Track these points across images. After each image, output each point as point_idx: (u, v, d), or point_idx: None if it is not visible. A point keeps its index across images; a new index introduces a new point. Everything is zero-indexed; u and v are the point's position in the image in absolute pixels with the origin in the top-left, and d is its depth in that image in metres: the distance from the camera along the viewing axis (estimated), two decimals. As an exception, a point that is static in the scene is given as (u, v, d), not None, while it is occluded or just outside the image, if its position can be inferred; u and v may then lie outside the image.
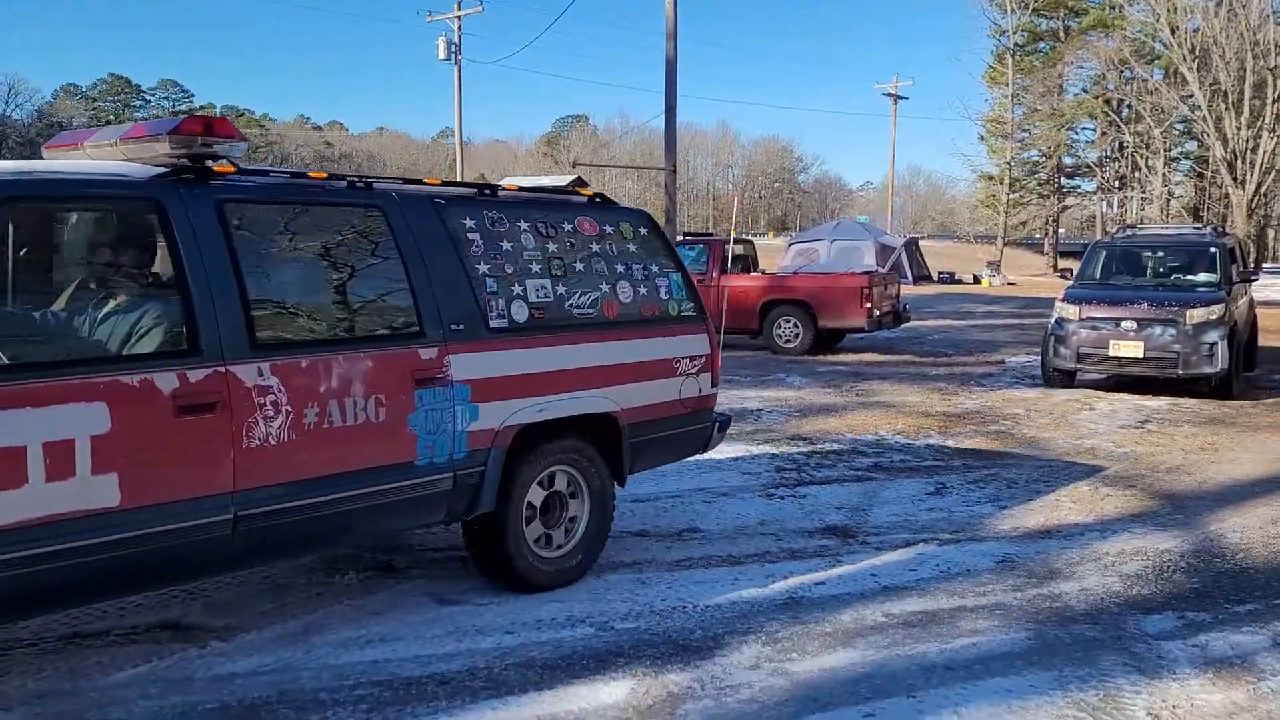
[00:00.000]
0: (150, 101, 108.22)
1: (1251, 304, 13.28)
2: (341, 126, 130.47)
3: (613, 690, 3.88)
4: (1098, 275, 12.31)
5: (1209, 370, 10.71)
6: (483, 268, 4.64)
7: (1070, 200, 58.86)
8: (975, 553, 5.64)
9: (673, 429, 5.49)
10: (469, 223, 4.70)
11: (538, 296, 4.78)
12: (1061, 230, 56.83)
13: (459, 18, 36.78)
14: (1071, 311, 11.52)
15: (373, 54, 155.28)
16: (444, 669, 4.05)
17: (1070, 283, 12.66)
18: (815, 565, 5.38)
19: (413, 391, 4.27)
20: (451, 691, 3.85)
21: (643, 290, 5.34)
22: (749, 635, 4.43)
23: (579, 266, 5.05)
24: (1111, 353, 11.09)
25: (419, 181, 4.74)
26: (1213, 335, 10.67)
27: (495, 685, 3.91)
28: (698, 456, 5.99)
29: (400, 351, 4.28)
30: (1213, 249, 11.89)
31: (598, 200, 5.49)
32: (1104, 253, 12.70)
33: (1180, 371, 10.81)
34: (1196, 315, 10.77)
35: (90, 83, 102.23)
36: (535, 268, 4.83)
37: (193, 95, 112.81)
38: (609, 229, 5.32)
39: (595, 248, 5.17)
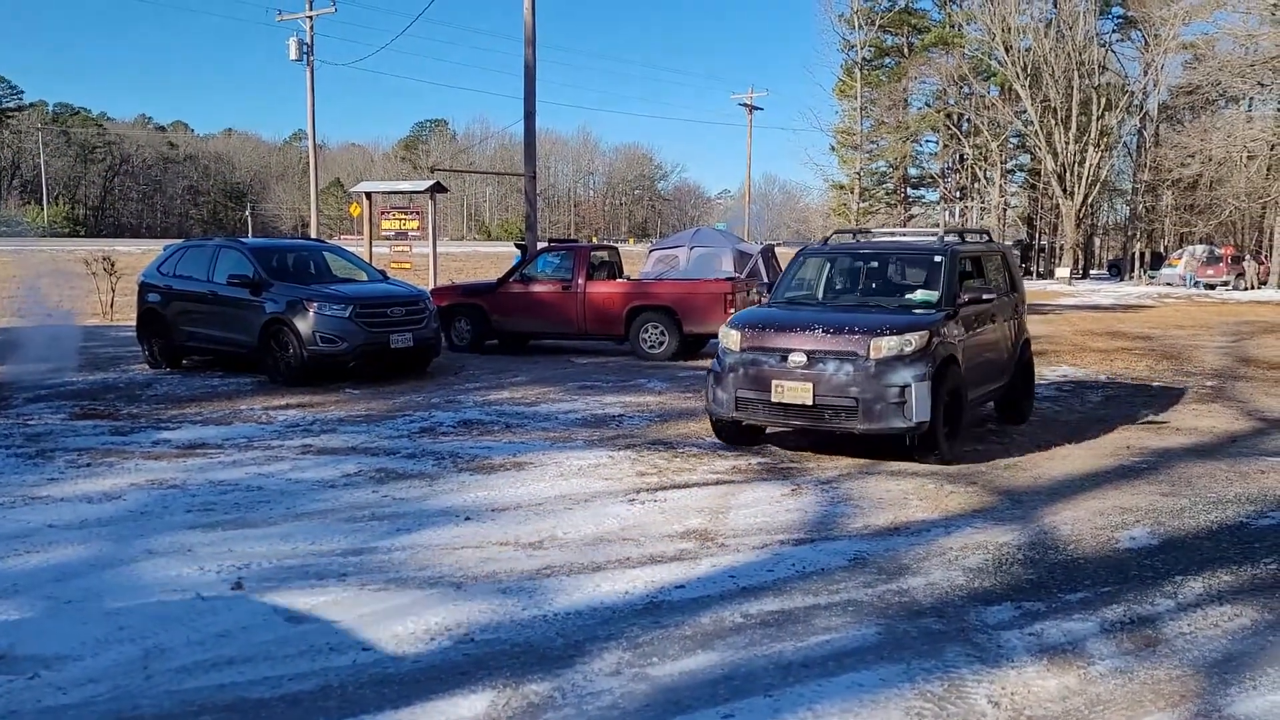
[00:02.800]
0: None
1: (1021, 329, 10.16)
2: (186, 127, 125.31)
3: (472, 704, 3.83)
4: (818, 294, 9.31)
5: (899, 424, 7.67)
6: None
7: (916, 210, 61.50)
8: (829, 551, 5.80)
9: None
10: None
11: None
12: (909, 238, 59.14)
13: (310, 17, 35.70)
14: (733, 339, 8.35)
15: (221, 53, 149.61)
16: (295, 689, 3.91)
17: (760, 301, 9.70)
18: (675, 569, 5.44)
19: None
20: (304, 713, 3.73)
21: None
22: (610, 641, 4.44)
23: None
24: (774, 397, 7.93)
25: None
26: (903, 375, 7.65)
27: (350, 705, 3.80)
28: (556, 462, 5.87)
29: None
30: (937, 258, 8.79)
31: None
32: (807, 262, 9.62)
33: (860, 425, 7.75)
34: (883, 347, 7.74)
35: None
36: None
37: (22, 92, 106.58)
38: None
39: None
